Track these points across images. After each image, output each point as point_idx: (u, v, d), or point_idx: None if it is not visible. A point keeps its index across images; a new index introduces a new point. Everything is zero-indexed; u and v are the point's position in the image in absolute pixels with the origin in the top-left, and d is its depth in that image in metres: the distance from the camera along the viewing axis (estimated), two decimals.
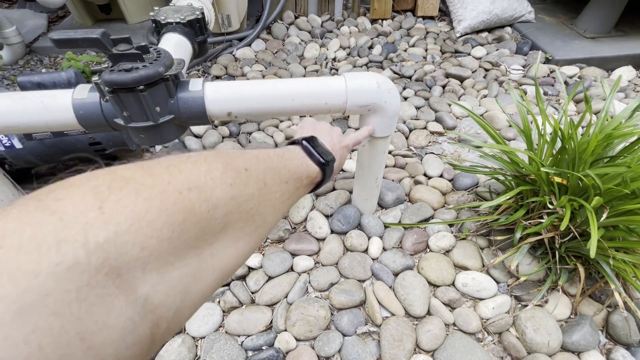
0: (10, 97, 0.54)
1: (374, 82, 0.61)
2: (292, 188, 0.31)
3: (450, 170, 1.01)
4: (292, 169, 0.32)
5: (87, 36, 0.48)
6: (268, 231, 0.28)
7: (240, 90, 0.58)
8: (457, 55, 1.53)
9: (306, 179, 0.35)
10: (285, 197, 0.29)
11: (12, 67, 1.48)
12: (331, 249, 0.81)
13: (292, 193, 0.31)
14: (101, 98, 0.54)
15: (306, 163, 0.36)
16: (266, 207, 0.26)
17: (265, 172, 0.27)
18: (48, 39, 1.58)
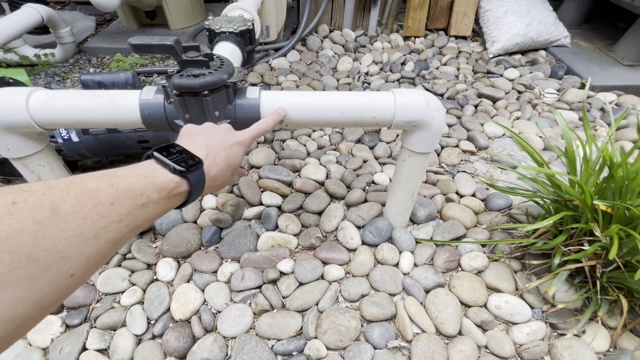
0: (83, 94, 0.58)
1: (422, 100, 0.62)
2: (125, 208, 0.29)
3: (483, 190, 1.00)
4: (124, 187, 0.29)
5: (163, 43, 0.51)
6: (84, 265, 0.25)
7: (293, 100, 0.61)
8: (489, 75, 1.53)
9: (157, 192, 0.32)
10: (109, 220, 0.27)
11: (63, 65, 1.57)
12: (362, 260, 0.81)
13: (128, 213, 0.29)
14: (165, 100, 0.58)
15: (154, 175, 0.33)
16: (57, 240, 0.23)
17: (55, 200, 0.24)
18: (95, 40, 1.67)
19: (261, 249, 0.86)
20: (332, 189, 0.96)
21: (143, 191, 0.31)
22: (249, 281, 0.78)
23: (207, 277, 0.81)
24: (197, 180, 0.38)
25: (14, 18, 1.23)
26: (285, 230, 0.89)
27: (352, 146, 1.16)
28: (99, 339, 0.71)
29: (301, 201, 0.95)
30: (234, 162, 0.45)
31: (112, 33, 1.76)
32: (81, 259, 0.25)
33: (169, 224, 0.89)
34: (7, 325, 0.21)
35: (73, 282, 0.25)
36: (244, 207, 0.94)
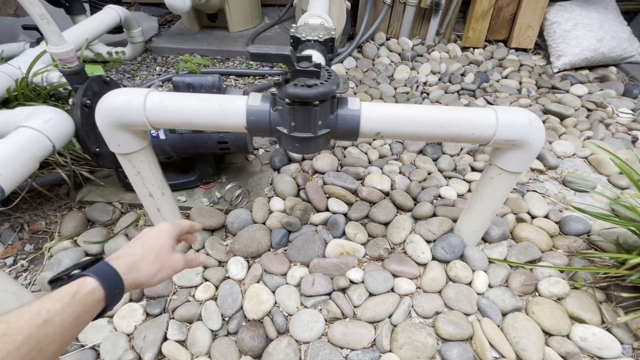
0: (195, 98, 0.61)
1: (525, 119, 0.60)
2: (22, 333, 0.29)
3: (557, 212, 0.96)
4: (15, 316, 0.30)
5: (280, 52, 0.53)
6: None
7: (393, 112, 0.61)
8: (554, 91, 1.47)
9: (58, 302, 0.33)
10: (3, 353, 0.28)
11: (131, 62, 1.66)
12: (435, 276, 0.80)
13: (27, 338, 0.29)
14: (271, 107, 0.60)
15: (49, 294, 0.34)
16: None
17: None
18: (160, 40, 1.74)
19: (330, 256, 0.86)
20: (400, 200, 0.95)
21: (39, 309, 0.31)
22: (319, 287, 0.79)
23: (277, 279, 0.82)
24: (99, 271, 0.37)
25: (98, 18, 1.31)
26: (353, 239, 0.89)
27: (414, 157, 1.14)
28: (178, 330, 0.74)
29: (367, 210, 0.95)
30: (154, 243, 0.45)
31: (175, 34, 1.84)
32: None
33: (240, 224, 0.91)
34: None
35: None
36: (311, 212, 0.95)
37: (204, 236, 0.89)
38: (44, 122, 0.70)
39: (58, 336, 0.32)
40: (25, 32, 1.74)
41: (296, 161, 1.11)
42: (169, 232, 0.48)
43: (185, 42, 1.75)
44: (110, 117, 0.60)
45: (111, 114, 0.59)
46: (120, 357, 0.70)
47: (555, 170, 1.12)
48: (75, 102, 0.80)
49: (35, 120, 0.70)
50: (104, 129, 0.62)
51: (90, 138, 0.83)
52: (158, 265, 0.44)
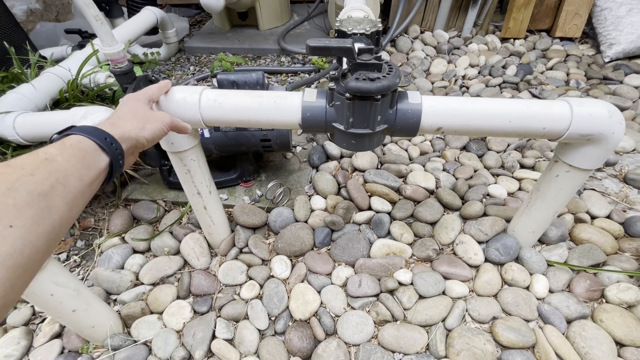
0: (250, 95, 0.59)
1: (605, 111, 0.55)
2: (31, 165, 0.30)
3: (620, 212, 0.89)
4: (20, 158, 0.31)
5: (341, 45, 0.51)
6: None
7: (457, 106, 0.57)
8: (607, 82, 1.37)
9: (53, 147, 0.34)
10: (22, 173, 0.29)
11: (166, 63, 1.69)
12: (490, 279, 0.76)
13: (36, 168, 0.30)
14: (327, 103, 0.58)
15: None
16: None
17: None
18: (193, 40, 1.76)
19: (375, 256, 0.84)
20: (447, 199, 0.91)
21: (37, 151, 0.32)
22: (366, 288, 0.77)
23: (322, 279, 0.81)
24: (78, 129, 0.38)
25: (138, 20, 1.34)
26: (399, 239, 0.86)
27: (457, 154, 1.09)
28: (226, 329, 0.74)
29: (412, 209, 0.91)
30: (123, 107, 0.46)
31: (206, 33, 1.86)
32: (9, 210, 0.26)
33: (282, 222, 0.90)
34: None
35: (18, 233, 0.26)
36: (353, 210, 0.93)
37: (247, 234, 0.89)
38: (99, 121, 0.71)
39: (71, 173, 0.32)
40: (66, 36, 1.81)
41: (334, 159, 1.09)
42: (139, 98, 0.50)
43: (217, 41, 1.77)
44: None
45: (167, 111, 0.59)
46: (172, 354, 0.70)
47: (614, 167, 1.04)
48: None
49: (90, 120, 0.71)
50: None
51: None
52: (141, 120, 0.45)
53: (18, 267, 0.25)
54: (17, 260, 0.25)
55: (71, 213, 0.32)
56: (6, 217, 0.25)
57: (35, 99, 0.90)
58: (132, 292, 0.80)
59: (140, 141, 0.44)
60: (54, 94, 0.96)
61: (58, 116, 0.74)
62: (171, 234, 0.91)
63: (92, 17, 0.69)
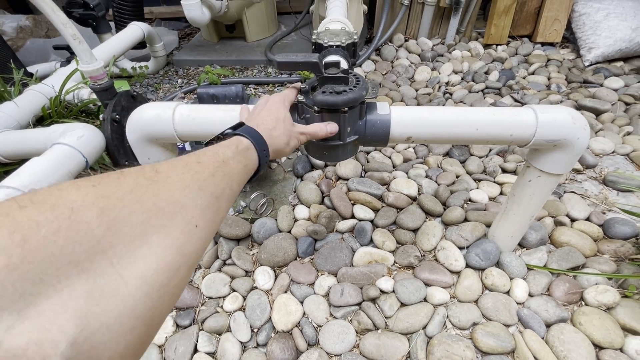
0: (222, 110, 0.61)
1: (568, 117, 0.57)
2: (211, 165, 0.31)
3: (599, 214, 0.90)
4: (199, 153, 0.32)
5: (308, 60, 0.52)
6: (201, 216, 0.27)
7: (425, 116, 0.58)
8: (587, 85, 1.40)
9: (227, 148, 0.36)
10: (204, 174, 0.30)
11: (154, 76, 1.71)
12: (470, 285, 0.76)
13: (216, 169, 0.31)
14: (298, 116, 0.59)
15: (216, 144, 0.37)
16: (171, 191, 0.25)
17: (153, 165, 0.27)
18: (181, 53, 1.78)
19: (358, 264, 0.84)
20: (428, 205, 0.92)
21: (216, 151, 0.34)
22: (348, 297, 0.77)
23: (305, 289, 0.81)
24: (249, 132, 0.41)
25: (123, 36, 1.36)
26: (381, 247, 0.86)
27: (440, 160, 1.11)
28: (208, 342, 0.74)
29: (394, 216, 0.92)
30: (276, 114, 0.48)
31: (195, 46, 1.89)
32: (197, 210, 0.26)
33: (266, 233, 0.90)
34: (161, 278, 0.21)
35: (200, 234, 0.26)
36: (336, 219, 0.93)
37: (230, 246, 0.89)
38: (77, 138, 0.72)
39: (236, 177, 0.34)
40: (55, 52, 1.83)
41: (319, 168, 1.10)
42: (285, 105, 0.51)
43: (205, 53, 1.79)
44: (141, 131, 0.61)
45: (142, 127, 0.60)
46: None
47: (594, 169, 1.05)
48: (106, 117, 0.82)
49: (69, 137, 0.72)
50: (134, 142, 0.63)
51: (120, 152, 0.85)
52: (287, 135, 0.48)
53: (193, 266, 0.26)
54: (194, 260, 0.26)
55: (226, 213, 0.33)
56: (195, 216, 0.26)
57: (17, 116, 0.90)
58: None
59: (280, 154, 0.47)
60: (37, 111, 0.97)
61: (37, 134, 0.75)
62: None
63: (70, 36, 0.70)
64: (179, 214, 0.24)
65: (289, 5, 2.17)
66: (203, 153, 0.32)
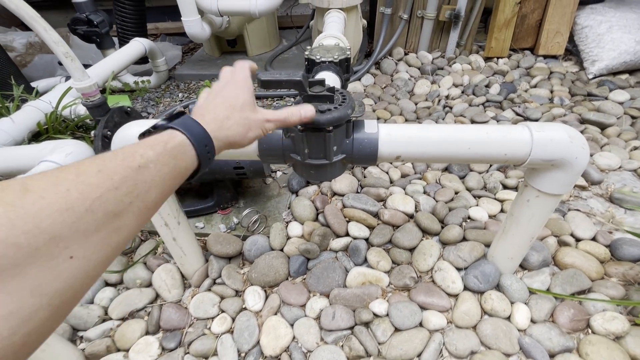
0: None
1: (565, 135, 0.54)
2: (118, 173, 0.26)
3: (606, 234, 0.85)
4: (110, 155, 0.27)
5: (291, 78, 0.50)
6: (83, 244, 0.23)
7: (414, 134, 0.56)
8: (591, 98, 1.36)
9: (151, 149, 0.30)
10: (102, 189, 0.25)
11: (156, 90, 1.73)
12: (468, 309, 0.72)
13: (124, 179, 0.26)
14: (283, 134, 0.57)
15: (141, 140, 0.32)
16: (38, 219, 0.21)
17: (25, 181, 0.22)
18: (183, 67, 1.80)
19: (351, 285, 0.81)
20: (425, 223, 0.89)
21: (133, 151, 0.28)
22: (340, 321, 0.73)
23: (295, 311, 0.78)
24: (185, 124, 0.35)
25: (126, 51, 1.38)
26: (376, 267, 0.83)
27: (439, 175, 1.08)
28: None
29: (390, 235, 0.89)
30: (232, 100, 0.40)
31: (197, 61, 1.91)
32: (77, 237, 0.22)
33: (257, 251, 0.88)
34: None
35: (77, 265, 0.22)
36: (330, 237, 0.91)
37: (221, 264, 0.87)
38: (66, 155, 0.72)
39: (155, 185, 0.29)
40: (61, 67, 1.87)
41: (315, 183, 1.08)
42: (248, 87, 0.43)
43: (206, 68, 1.81)
44: None
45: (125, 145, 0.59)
46: None
47: (600, 186, 1.01)
48: (97, 133, 0.82)
49: (57, 154, 0.71)
50: None
51: None
52: (245, 125, 0.41)
53: (65, 303, 0.22)
54: (66, 297, 0.22)
55: (138, 227, 0.28)
56: (71, 246, 0.22)
57: (13, 132, 0.91)
58: (99, 328, 0.77)
59: (235, 145, 0.41)
60: (33, 127, 0.97)
61: (28, 151, 0.75)
62: (145, 265, 0.89)
63: (62, 54, 0.70)
64: (44, 248, 0.20)
65: (290, 20, 2.20)
66: (112, 157, 0.27)
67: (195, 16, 1.41)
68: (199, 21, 1.44)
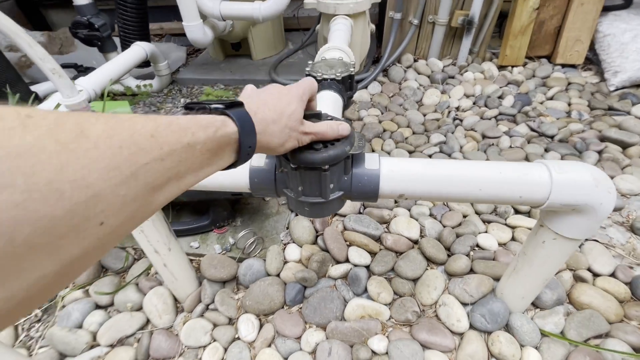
0: None
1: (589, 178, 0.48)
2: (168, 144, 0.24)
3: (626, 269, 0.79)
4: (164, 120, 0.24)
5: None
6: (117, 212, 0.20)
7: (419, 171, 0.51)
8: (612, 113, 1.28)
9: (203, 130, 0.27)
10: (150, 156, 0.22)
11: (158, 95, 1.70)
12: (474, 352, 0.67)
13: (171, 152, 0.24)
14: (277, 169, 0.53)
15: (194, 115, 0.29)
16: (87, 169, 0.18)
17: (82, 122, 0.19)
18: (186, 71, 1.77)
19: (349, 319, 0.76)
20: (430, 252, 0.83)
21: (186, 127, 0.26)
22: (337, 358, 0.69)
23: (290, 344, 0.74)
24: (241, 117, 0.32)
25: (126, 56, 1.35)
26: (376, 299, 0.78)
27: None
28: None
29: (393, 262, 0.84)
30: (284, 105, 0.38)
31: (200, 64, 1.87)
32: (115, 203, 0.20)
33: (252, 276, 0.84)
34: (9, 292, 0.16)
35: (100, 235, 0.19)
36: (329, 263, 0.86)
37: (214, 289, 0.83)
38: None
39: (194, 169, 0.27)
40: None
41: None
42: (302, 100, 0.41)
43: (210, 72, 1.77)
44: None
45: None
46: None
47: (621, 213, 0.94)
48: None
49: None
50: None
51: None
52: (287, 133, 0.39)
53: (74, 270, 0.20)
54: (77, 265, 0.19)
55: (157, 209, 0.25)
56: (106, 210, 0.19)
57: None
58: (87, 355, 0.75)
59: (269, 151, 0.39)
60: None
61: None
62: (137, 287, 0.86)
63: (49, 70, 0.67)
64: (83, 204, 0.18)
65: (297, 22, 2.14)
66: (167, 125, 0.24)
67: (197, 21, 1.37)
68: (200, 26, 1.39)
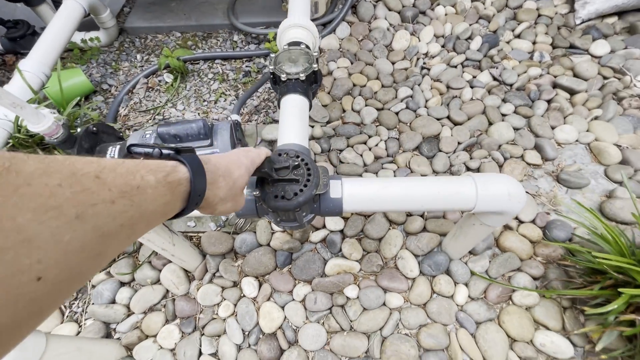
0: None
1: (505, 192, 0.62)
2: (117, 186, 0.22)
3: (544, 215, 1.00)
4: (111, 163, 0.24)
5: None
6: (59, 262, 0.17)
7: (373, 194, 0.63)
8: (571, 52, 1.33)
9: (152, 174, 0.26)
10: (98, 198, 0.21)
11: (109, 50, 1.55)
12: (421, 292, 0.91)
13: (122, 194, 0.23)
14: (256, 202, 0.62)
15: (142, 161, 0.28)
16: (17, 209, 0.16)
17: (16, 161, 0.18)
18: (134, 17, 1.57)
19: (329, 274, 0.98)
20: (392, 215, 1.01)
21: (134, 170, 0.25)
22: (320, 304, 0.93)
23: (285, 297, 0.96)
24: (193, 163, 0.31)
25: (61, 21, 1.19)
26: (349, 258, 0.99)
27: (409, 157, 1.14)
28: (209, 345, 0.92)
29: (362, 225, 1.02)
30: (234, 170, 0.39)
31: (147, 5, 1.65)
32: (55, 251, 0.17)
33: (247, 247, 1.01)
34: None
35: (38, 291, 0.16)
36: (310, 230, 1.03)
37: (217, 261, 1.01)
38: None
39: (147, 215, 0.25)
40: None
41: None
42: (249, 170, 0.43)
43: (160, 17, 1.58)
44: None
45: None
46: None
47: (553, 162, 1.11)
48: None
49: None
50: None
51: None
52: (230, 195, 0.38)
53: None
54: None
55: (112, 257, 0.23)
56: (44, 261, 0.16)
57: None
58: (127, 322, 0.95)
59: (209, 206, 0.37)
60: None
61: None
62: (150, 264, 1.03)
63: (10, 105, 0.67)
64: (12, 251, 0.15)
65: None
66: (112, 167, 0.23)
67: None
68: None
